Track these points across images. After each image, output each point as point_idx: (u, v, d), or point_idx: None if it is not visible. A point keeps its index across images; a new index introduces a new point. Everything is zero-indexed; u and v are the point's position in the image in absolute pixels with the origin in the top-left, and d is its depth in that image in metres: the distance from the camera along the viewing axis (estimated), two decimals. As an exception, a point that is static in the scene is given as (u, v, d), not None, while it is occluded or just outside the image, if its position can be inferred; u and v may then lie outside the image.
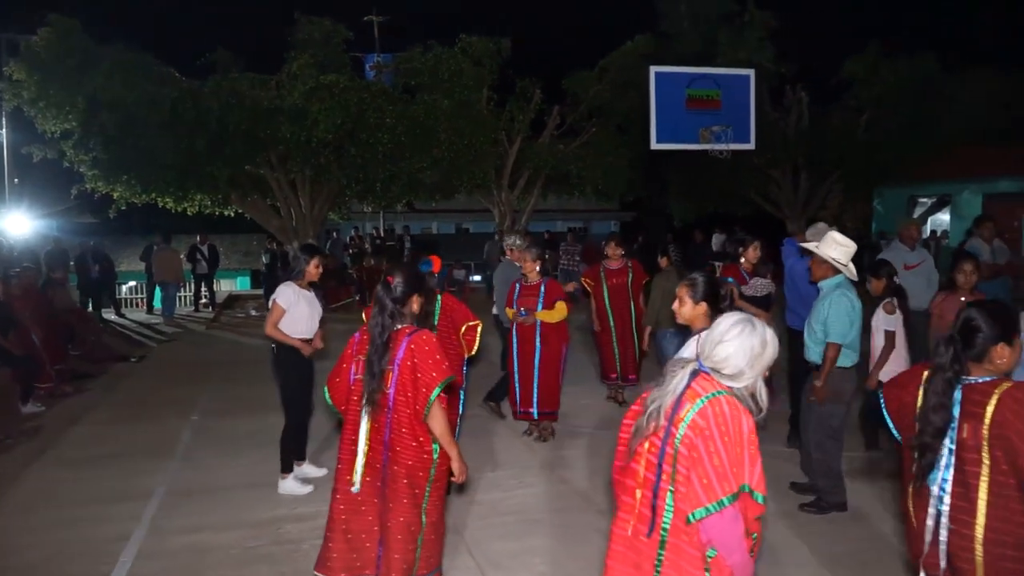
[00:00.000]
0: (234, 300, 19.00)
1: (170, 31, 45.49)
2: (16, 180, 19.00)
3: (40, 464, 6.42)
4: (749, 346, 2.44)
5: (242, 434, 7.17)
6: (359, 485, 3.46)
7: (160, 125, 13.65)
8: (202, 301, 17.41)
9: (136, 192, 15.02)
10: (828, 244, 4.78)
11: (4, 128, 18.33)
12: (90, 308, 14.27)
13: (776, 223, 22.04)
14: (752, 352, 2.44)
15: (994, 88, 18.84)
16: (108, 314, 15.21)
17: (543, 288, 6.64)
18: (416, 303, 3.60)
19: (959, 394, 2.70)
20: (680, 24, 19.77)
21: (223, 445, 6.88)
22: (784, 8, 19.09)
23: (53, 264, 12.09)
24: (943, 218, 21.15)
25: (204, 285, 17.47)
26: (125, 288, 18.96)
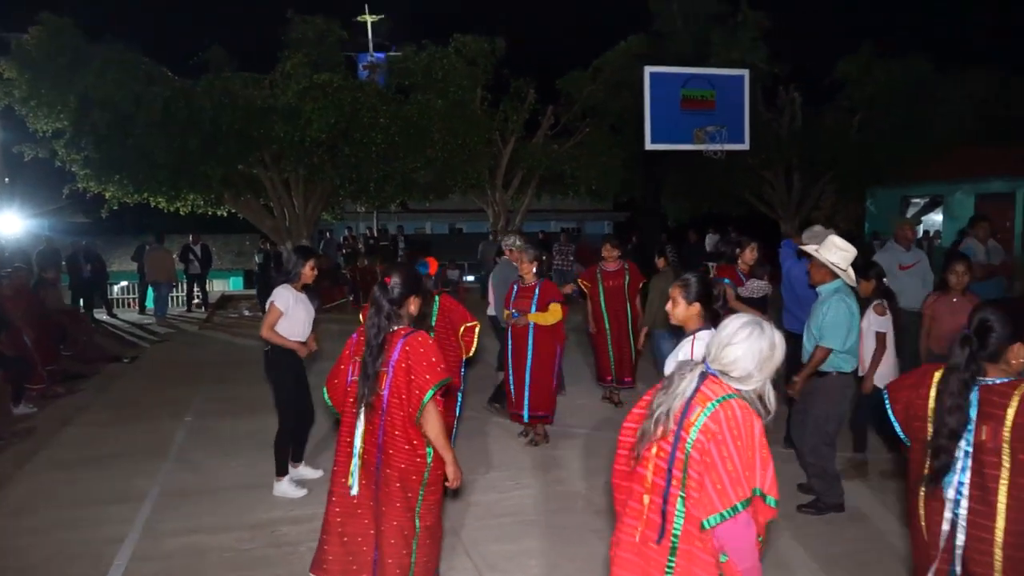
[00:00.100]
0: (227, 300, 18.92)
1: (163, 30, 45.24)
2: (7, 179, 18.83)
3: (33, 466, 6.38)
4: (758, 349, 2.40)
5: (236, 435, 7.13)
6: (356, 488, 3.42)
7: (152, 124, 13.55)
8: (195, 301, 17.35)
9: (128, 192, 14.91)
10: (828, 248, 4.74)
11: (-5, 127, 18.20)
12: (81, 308, 14.18)
13: (770, 223, 22.10)
14: (761, 355, 2.40)
15: (986, 88, 18.89)
16: (100, 314, 15.15)
17: (538, 290, 6.60)
18: (413, 304, 3.57)
19: (975, 395, 2.65)
20: (673, 24, 19.76)
21: (217, 446, 6.84)
22: (777, 8, 19.14)
23: (45, 264, 12.01)
24: (935, 218, 21.19)
25: (197, 285, 17.41)
26: (116, 288, 18.85)
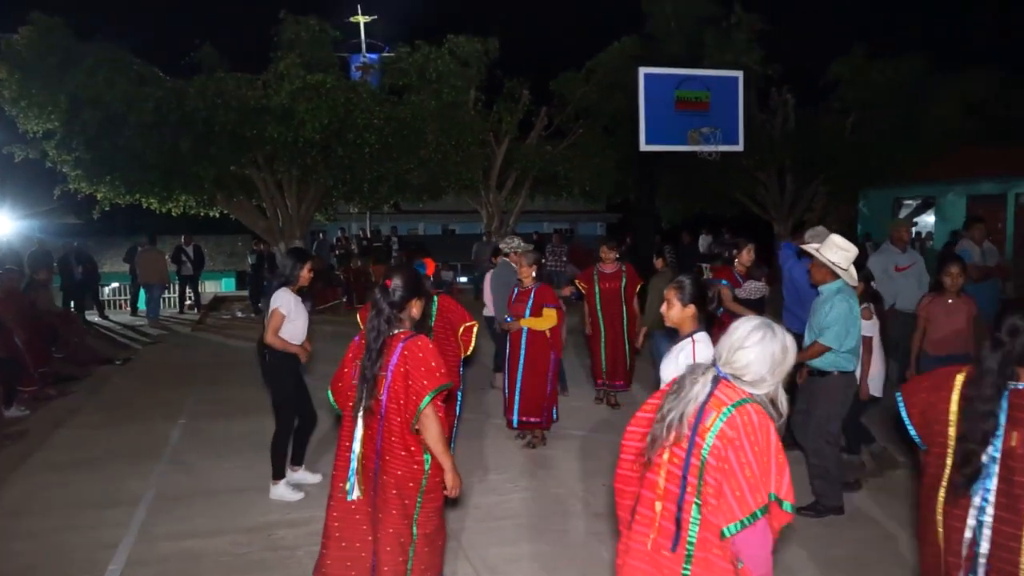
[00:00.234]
0: (219, 302, 18.83)
1: (155, 30, 45.19)
2: (-2, 181, 18.76)
3: (26, 468, 6.31)
4: (770, 353, 2.35)
5: (231, 437, 7.08)
6: (354, 493, 3.36)
7: (144, 125, 13.47)
8: (187, 303, 17.26)
9: (120, 193, 14.84)
10: (829, 248, 4.72)
11: (-15, 128, 18.07)
12: (72, 310, 14.07)
13: (763, 225, 22.16)
14: (774, 359, 2.35)
15: (986, 89, 18.94)
16: (91, 316, 15.04)
17: (533, 293, 6.55)
18: (416, 307, 3.48)
19: (1005, 400, 2.58)
20: (666, 25, 19.80)
21: (212, 448, 6.78)
22: (770, 10, 19.20)
23: (36, 266, 11.91)
24: (927, 220, 21.27)
25: (189, 287, 17.32)
26: (107, 290, 18.74)
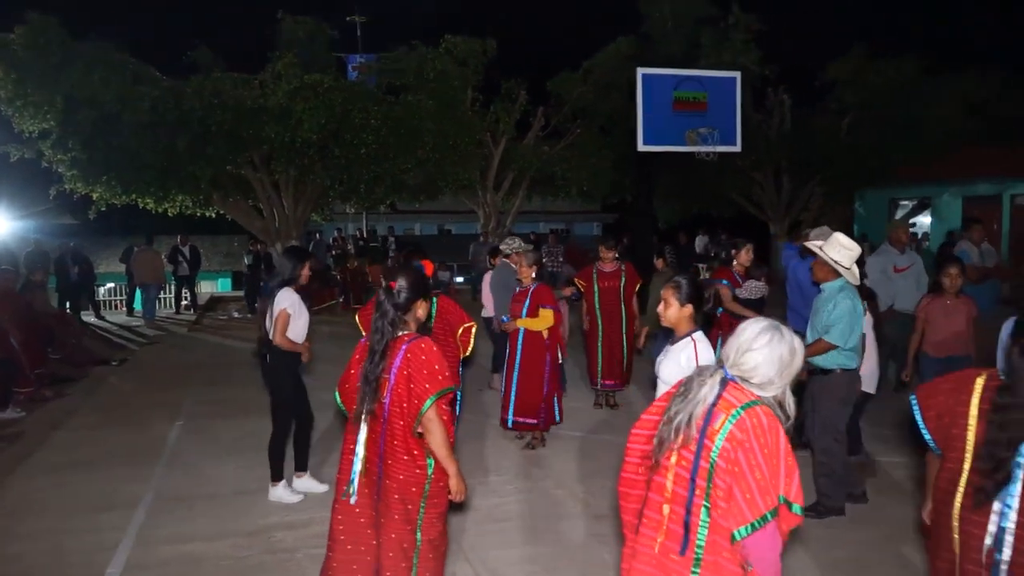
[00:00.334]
0: (216, 302, 18.79)
1: (151, 30, 44.98)
2: (-7, 181, 18.67)
3: (23, 470, 6.28)
4: (778, 355, 2.35)
5: (228, 438, 7.06)
6: (355, 496, 3.33)
7: (140, 124, 13.44)
8: (183, 303, 17.21)
9: (116, 193, 14.78)
10: (832, 246, 4.74)
11: (-20, 128, 17.99)
12: (68, 311, 14.02)
13: (759, 225, 22.17)
14: (782, 361, 2.35)
15: (987, 89, 18.98)
16: (88, 316, 14.99)
17: (530, 293, 6.55)
18: (421, 309, 3.45)
19: None
20: (663, 26, 19.79)
21: (210, 449, 6.76)
22: (767, 11, 19.20)
23: (33, 266, 11.86)
24: (924, 220, 21.33)
25: (185, 287, 17.27)
26: (102, 290, 18.67)
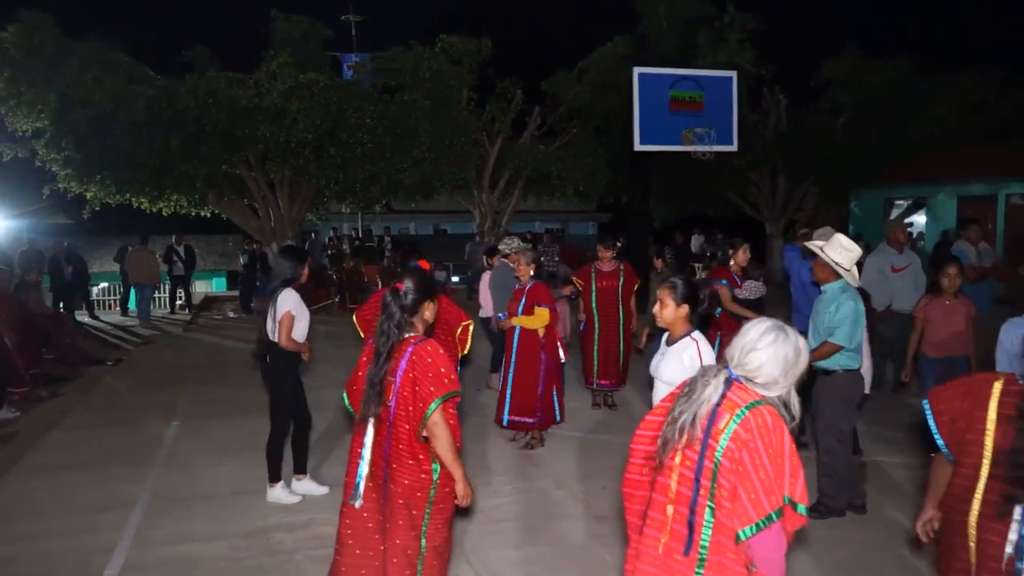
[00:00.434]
0: (211, 302, 18.70)
1: (146, 29, 44.81)
2: (-15, 180, 18.54)
3: (18, 471, 6.24)
4: (783, 355, 2.34)
5: (225, 438, 7.02)
6: (360, 500, 3.30)
7: (134, 124, 13.39)
8: (178, 303, 17.13)
9: (110, 192, 14.73)
10: (833, 247, 4.74)
11: (-27, 127, 17.87)
12: (62, 310, 13.95)
13: (755, 224, 22.19)
14: (787, 361, 2.34)
15: (986, 89, 19.02)
16: (82, 316, 14.92)
17: (526, 291, 6.52)
18: (429, 310, 3.39)
19: None
20: (659, 26, 19.80)
21: (206, 449, 6.72)
22: (763, 10, 19.23)
23: (27, 266, 11.79)
24: (919, 220, 21.36)
25: (180, 286, 17.20)
26: (96, 290, 18.59)
